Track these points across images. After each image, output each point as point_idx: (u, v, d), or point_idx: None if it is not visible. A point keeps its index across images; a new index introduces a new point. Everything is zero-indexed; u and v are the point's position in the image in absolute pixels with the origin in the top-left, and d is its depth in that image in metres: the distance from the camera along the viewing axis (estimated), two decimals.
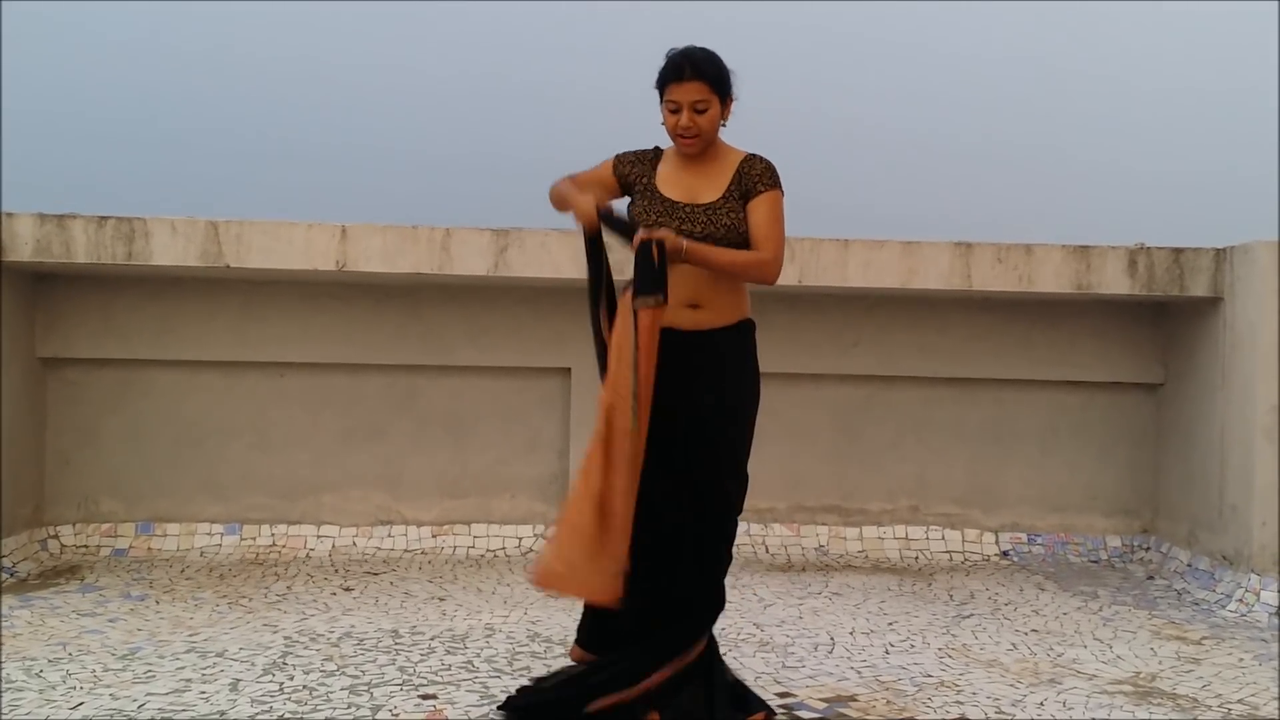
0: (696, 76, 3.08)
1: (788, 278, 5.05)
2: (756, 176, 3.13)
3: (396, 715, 3.21)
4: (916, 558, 5.65)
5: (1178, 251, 5.21)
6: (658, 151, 3.27)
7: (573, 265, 5.02)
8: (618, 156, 3.29)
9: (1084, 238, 5.25)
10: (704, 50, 3.14)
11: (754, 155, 3.19)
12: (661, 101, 3.14)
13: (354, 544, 5.54)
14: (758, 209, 3.12)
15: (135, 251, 4.91)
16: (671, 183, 3.19)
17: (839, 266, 5.14)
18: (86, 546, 5.42)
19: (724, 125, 3.17)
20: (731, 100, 3.16)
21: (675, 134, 3.14)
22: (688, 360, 3.09)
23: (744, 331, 3.20)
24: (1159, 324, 5.73)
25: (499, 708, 3.21)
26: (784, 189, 3.18)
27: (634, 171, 3.24)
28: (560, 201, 3.22)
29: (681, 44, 3.15)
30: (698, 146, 3.14)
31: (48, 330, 5.41)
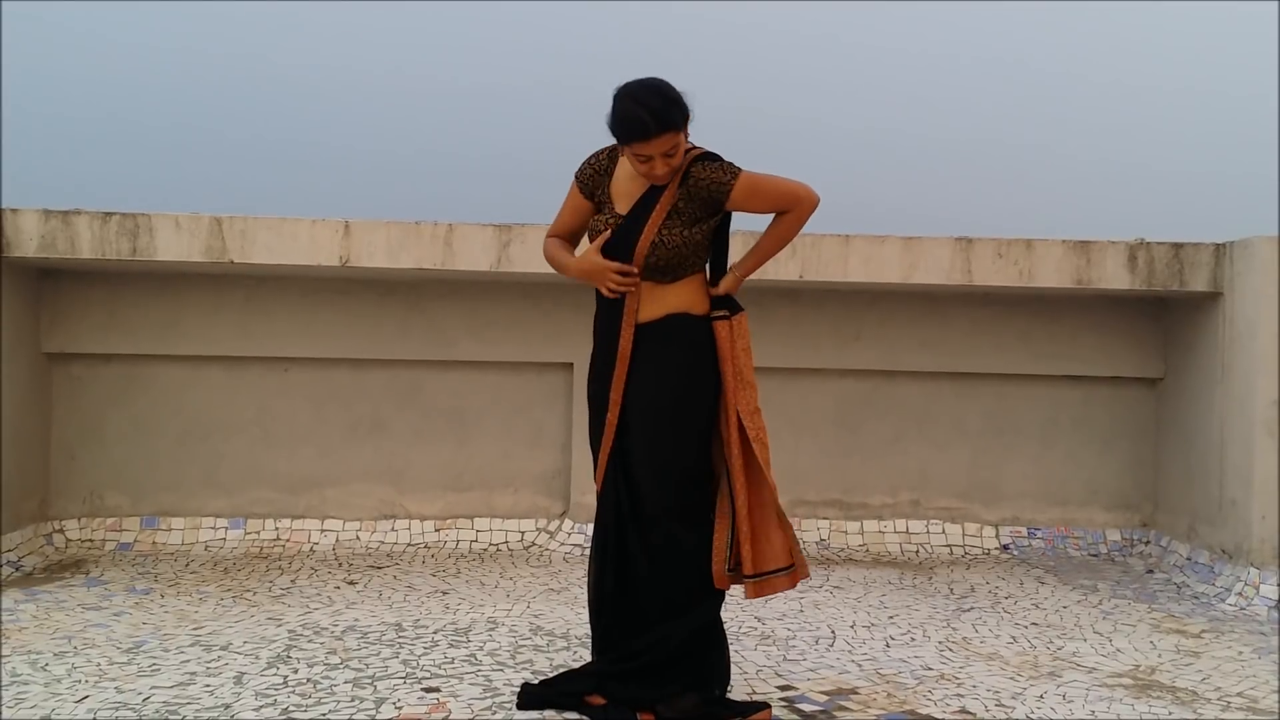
0: (662, 130, 2.98)
1: (789, 273, 5.10)
2: (713, 185, 3.08)
3: (400, 708, 3.23)
4: (917, 551, 5.66)
5: (1178, 246, 5.22)
6: (613, 154, 3.25)
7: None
8: (578, 177, 3.30)
9: (1085, 234, 5.26)
10: (655, 93, 3.01)
11: (698, 162, 3.10)
12: (622, 146, 3.09)
13: (357, 538, 5.56)
14: (742, 203, 3.13)
15: (139, 247, 4.93)
16: (622, 193, 3.20)
17: (840, 261, 5.16)
18: (91, 541, 5.44)
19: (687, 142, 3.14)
20: (687, 126, 3.08)
21: (648, 178, 3.10)
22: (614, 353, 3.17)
23: (669, 326, 3.12)
24: (1159, 319, 5.74)
25: (519, 706, 3.23)
26: (739, 166, 3.13)
27: (595, 184, 3.26)
28: (567, 268, 3.29)
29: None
30: (668, 179, 3.11)
31: (53, 325, 5.43)
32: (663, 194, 3.11)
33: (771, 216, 3.24)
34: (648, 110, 2.97)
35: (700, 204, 3.10)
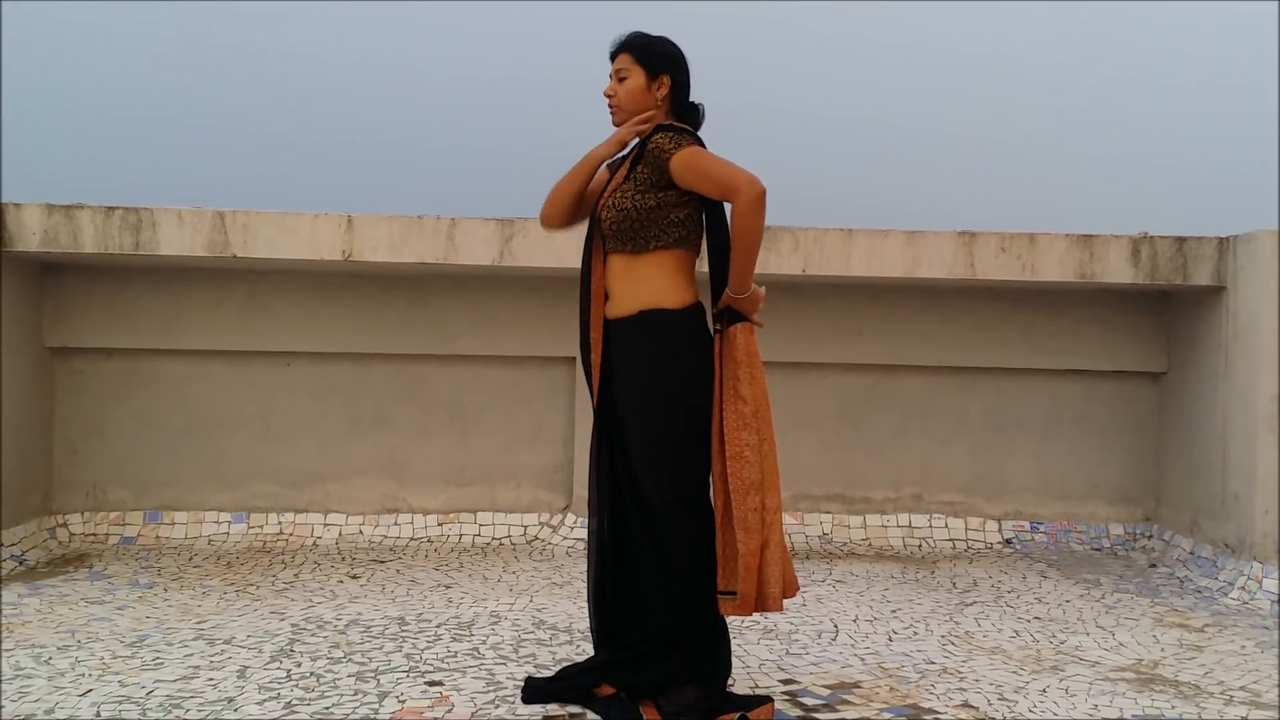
0: (621, 49, 3.18)
1: (792, 267, 5.10)
2: (657, 152, 3.06)
3: (403, 702, 3.23)
4: (920, 545, 5.66)
5: (1181, 240, 5.22)
6: None
7: (576, 255, 5.01)
8: None
9: (1088, 229, 5.26)
10: (642, 30, 3.22)
11: (661, 131, 3.11)
12: None
13: (360, 532, 5.57)
14: (684, 179, 3.04)
15: (142, 241, 4.93)
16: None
17: (843, 256, 5.15)
18: (95, 535, 5.45)
19: (657, 102, 3.16)
20: (666, 78, 3.15)
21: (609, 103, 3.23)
22: (605, 348, 3.19)
23: (644, 324, 3.09)
24: (1162, 313, 5.74)
25: (524, 700, 3.23)
26: (694, 142, 3.10)
27: (614, 165, 3.31)
28: (584, 160, 3.23)
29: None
30: (618, 116, 3.19)
31: (55, 320, 5.43)
32: (631, 159, 3.15)
33: None
34: (621, 36, 3.21)
35: (651, 170, 3.07)
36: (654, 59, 3.16)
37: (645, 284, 3.10)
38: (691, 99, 3.22)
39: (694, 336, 3.11)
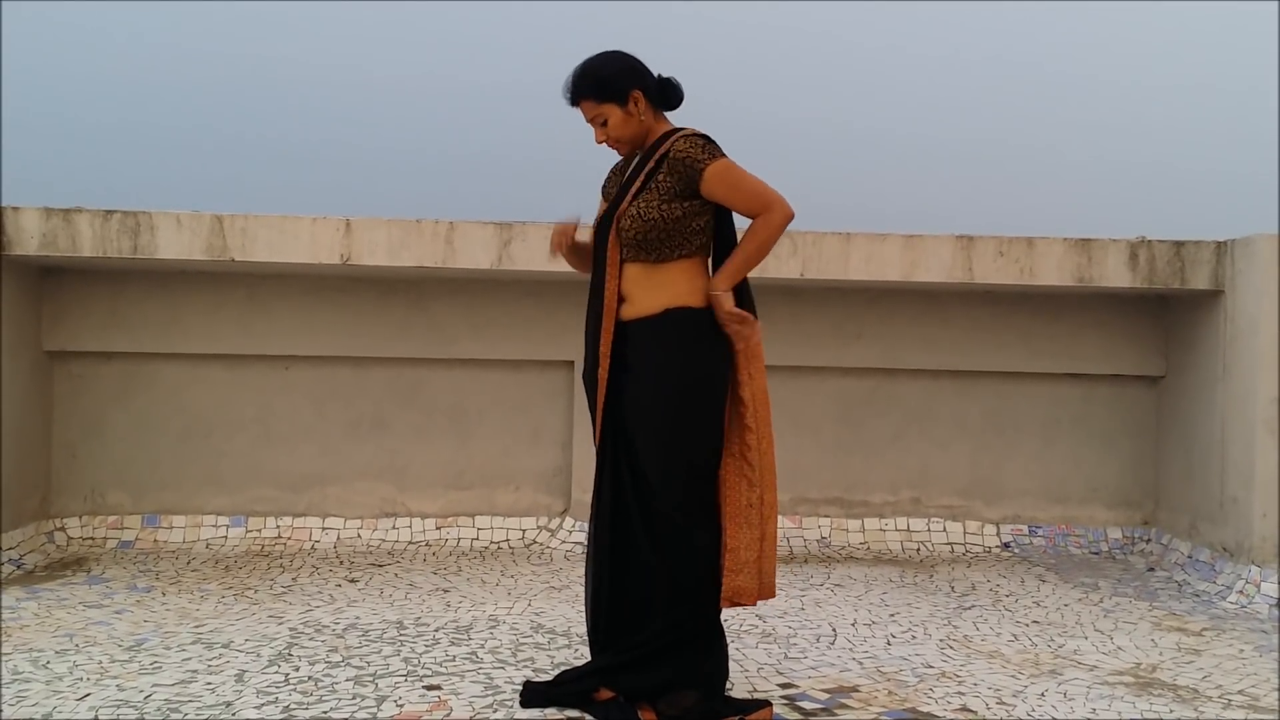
0: (580, 97, 3.14)
1: (791, 270, 5.10)
2: (689, 161, 3.06)
3: (401, 706, 3.23)
4: (918, 549, 5.66)
5: (1179, 244, 5.22)
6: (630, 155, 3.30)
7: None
8: (603, 186, 3.38)
9: (1086, 233, 5.26)
10: (584, 64, 3.13)
11: (676, 135, 3.12)
12: None
13: (359, 536, 5.56)
14: (714, 191, 3.07)
15: (141, 245, 4.93)
16: (613, 183, 3.29)
17: (841, 259, 5.16)
18: (93, 539, 5.45)
19: (641, 118, 3.14)
20: (635, 93, 3.11)
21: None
22: (620, 350, 3.15)
23: (667, 322, 3.10)
24: (1160, 317, 5.74)
25: (523, 704, 3.23)
26: (723, 152, 3.10)
27: (609, 184, 3.34)
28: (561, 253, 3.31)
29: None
30: (625, 150, 3.22)
31: (54, 323, 5.43)
32: (644, 167, 3.13)
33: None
34: (569, 82, 3.15)
35: (678, 179, 3.06)
36: (612, 86, 3.11)
37: (668, 287, 3.11)
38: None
39: (713, 337, 3.12)
